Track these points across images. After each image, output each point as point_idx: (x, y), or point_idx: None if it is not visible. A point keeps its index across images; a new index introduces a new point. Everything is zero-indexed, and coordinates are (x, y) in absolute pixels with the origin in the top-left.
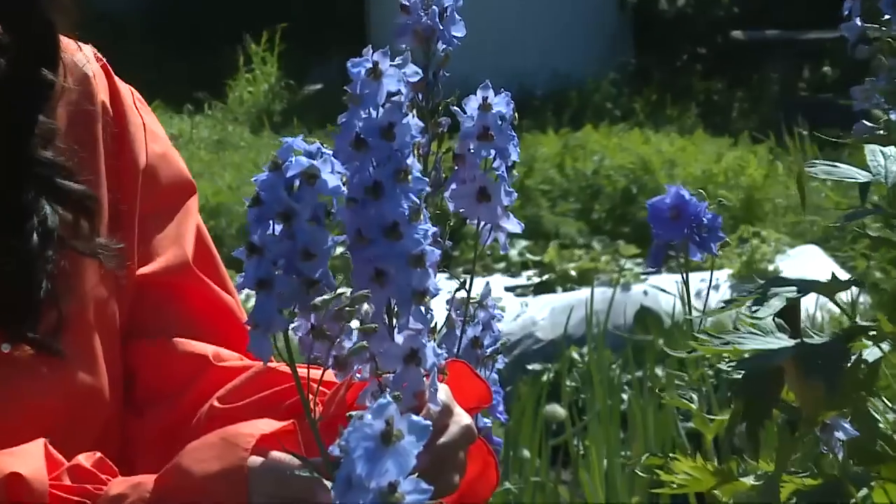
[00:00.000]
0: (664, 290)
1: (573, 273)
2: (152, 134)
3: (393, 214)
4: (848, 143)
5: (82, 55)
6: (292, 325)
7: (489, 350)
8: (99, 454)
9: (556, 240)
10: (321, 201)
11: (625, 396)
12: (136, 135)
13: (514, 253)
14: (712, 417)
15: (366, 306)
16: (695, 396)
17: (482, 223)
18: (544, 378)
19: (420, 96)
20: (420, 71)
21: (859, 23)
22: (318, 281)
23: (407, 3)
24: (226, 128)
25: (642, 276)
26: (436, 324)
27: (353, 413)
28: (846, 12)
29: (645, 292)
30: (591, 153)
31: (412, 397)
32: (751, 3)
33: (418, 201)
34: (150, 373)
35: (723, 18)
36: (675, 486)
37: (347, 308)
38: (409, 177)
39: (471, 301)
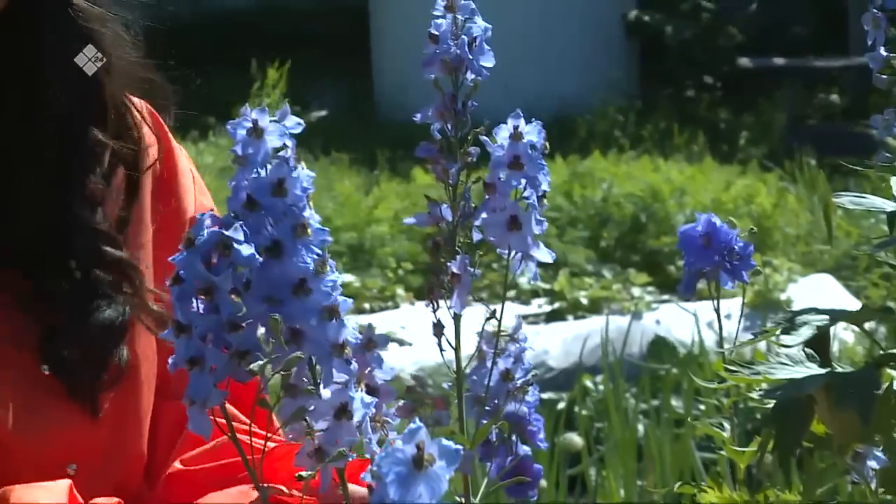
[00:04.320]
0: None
1: (584, 301)
2: (201, 187)
3: (297, 271)
4: (858, 171)
5: (137, 105)
6: None
7: (520, 382)
8: (118, 500)
9: (565, 268)
10: (241, 271)
11: (640, 426)
12: (187, 185)
13: (524, 281)
14: (742, 449)
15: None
16: (726, 425)
17: (513, 252)
18: (559, 407)
19: (449, 126)
20: (302, 122)
21: (884, 52)
22: (249, 351)
23: (436, 33)
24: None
25: (653, 305)
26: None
27: (302, 474)
28: (870, 42)
29: (657, 321)
30: (599, 181)
31: (349, 452)
32: (757, 30)
33: (321, 253)
34: (169, 437)
35: (729, 46)
36: None
37: (283, 372)
38: (309, 230)
39: (501, 333)
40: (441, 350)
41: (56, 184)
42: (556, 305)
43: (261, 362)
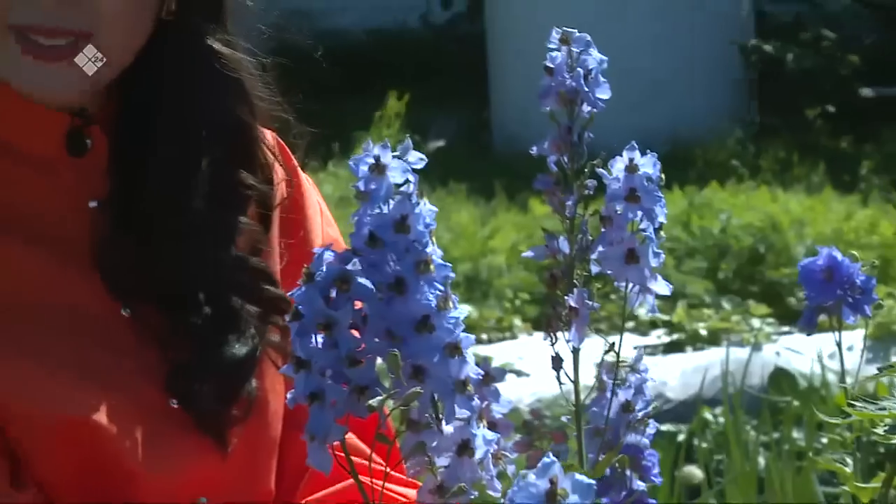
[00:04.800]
0: (797, 352)
1: (703, 332)
2: (328, 219)
3: (420, 308)
4: None
5: (268, 142)
6: None
7: (641, 414)
8: None
9: (682, 299)
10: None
11: (761, 459)
12: (315, 218)
13: (642, 312)
14: (865, 485)
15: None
16: (849, 460)
17: (630, 285)
18: (679, 439)
19: (565, 158)
20: (424, 157)
21: None
22: (368, 386)
23: (552, 65)
24: (350, 184)
25: (773, 337)
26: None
27: None
28: None
29: (777, 353)
30: (717, 211)
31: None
32: (879, 59)
33: (444, 289)
34: (296, 468)
35: (850, 75)
36: None
37: (402, 407)
38: (431, 266)
39: (621, 364)
40: (560, 383)
41: (209, 227)
42: (675, 337)
43: (380, 398)
